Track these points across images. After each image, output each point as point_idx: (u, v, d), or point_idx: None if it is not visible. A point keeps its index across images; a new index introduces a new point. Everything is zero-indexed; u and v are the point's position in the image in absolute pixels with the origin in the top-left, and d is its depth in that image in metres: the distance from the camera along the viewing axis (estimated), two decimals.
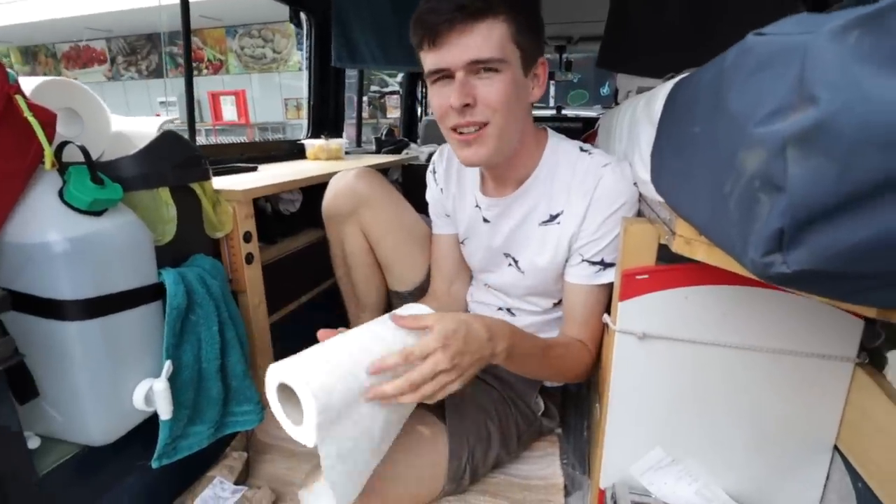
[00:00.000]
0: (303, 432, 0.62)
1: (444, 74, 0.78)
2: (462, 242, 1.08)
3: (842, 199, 0.27)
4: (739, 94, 0.34)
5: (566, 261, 0.92)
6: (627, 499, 0.79)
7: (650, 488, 0.82)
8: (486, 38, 0.74)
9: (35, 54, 11.09)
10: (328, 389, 0.61)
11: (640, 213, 0.86)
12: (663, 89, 0.67)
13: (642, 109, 0.78)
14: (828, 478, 0.75)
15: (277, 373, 0.62)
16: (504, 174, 0.92)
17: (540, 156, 0.90)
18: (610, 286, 0.88)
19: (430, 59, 0.78)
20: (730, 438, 0.78)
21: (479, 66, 0.76)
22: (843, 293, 0.33)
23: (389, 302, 1.24)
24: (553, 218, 0.90)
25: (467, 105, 0.77)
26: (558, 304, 1.00)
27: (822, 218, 0.28)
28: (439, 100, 0.81)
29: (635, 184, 0.84)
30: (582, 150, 0.90)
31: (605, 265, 0.87)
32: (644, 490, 0.82)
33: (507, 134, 0.82)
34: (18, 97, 0.66)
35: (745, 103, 0.32)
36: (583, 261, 0.88)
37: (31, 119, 0.66)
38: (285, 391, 0.64)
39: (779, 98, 0.29)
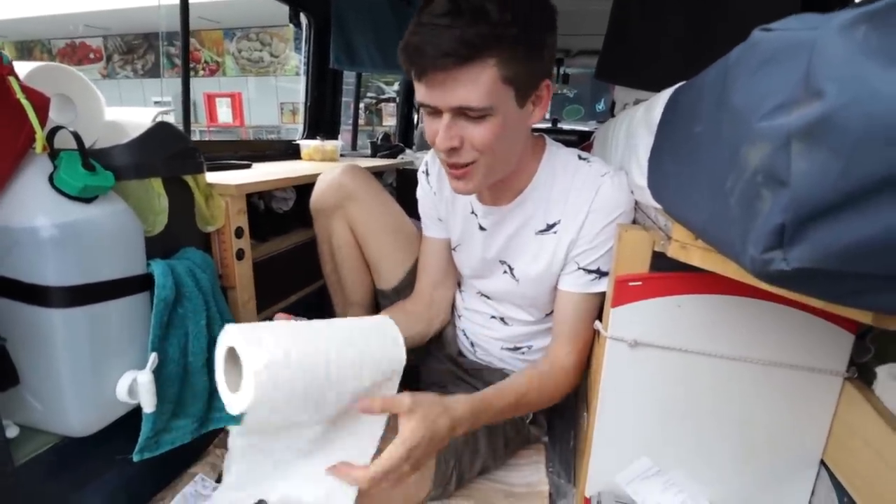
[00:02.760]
0: (236, 398, 0.61)
1: (433, 110, 0.75)
2: (454, 248, 1.07)
3: (845, 195, 0.27)
4: (744, 89, 0.34)
5: (561, 270, 0.92)
6: None
7: (636, 498, 0.81)
8: (473, 85, 0.69)
9: (30, 49, 11.03)
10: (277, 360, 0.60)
11: (635, 222, 0.86)
12: (663, 97, 0.67)
13: (641, 117, 0.78)
14: (813, 492, 0.75)
15: (231, 335, 0.61)
16: (500, 187, 0.91)
17: (537, 166, 0.90)
18: (602, 296, 0.88)
19: (418, 90, 0.74)
20: (717, 449, 0.78)
21: (465, 111, 0.72)
22: (841, 294, 0.33)
23: (376, 299, 1.23)
24: (550, 227, 0.90)
25: (453, 148, 0.75)
26: (551, 314, 1.00)
27: (825, 214, 0.28)
28: (429, 128, 0.78)
29: (632, 192, 0.85)
30: (580, 158, 0.90)
31: (600, 274, 0.87)
32: (630, 499, 0.81)
33: (497, 168, 0.81)
34: (11, 79, 0.65)
35: (749, 98, 0.33)
36: (578, 268, 0.88)
37: (24, 101, 0.65)
38: (233, 359, 0.62)
39: (785, 92, 0.29)
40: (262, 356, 0.58)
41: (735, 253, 0.35)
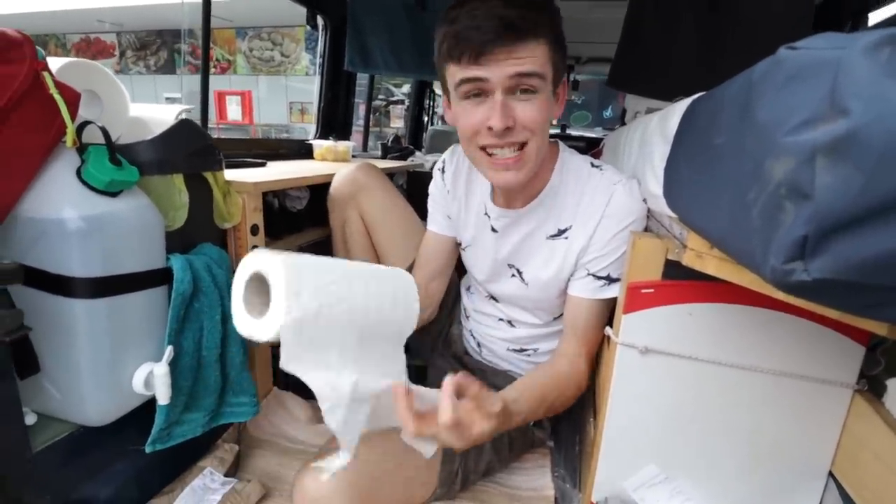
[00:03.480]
0: (267, 319, 0.56)
1: (479, 90, 0.76)
2: (464, 248, 1.08)
3: (867, 209, 0.28)
4: (769, 104, 0.35)
5: (571, 275, 0.93)
6: None
7: None
8: (531, 56, 0.74)
9: (45, 43, 11.14)
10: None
11: (646, 230, 0.87)
12: (679, 107, 0.68)
13: (655, 126, 0.79)
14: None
15: (256, 261, 0.58)
16: (519, 190, 0.93)
17: (551, 170, 0.91)
18: (612, 301, 0.88)
19: (466, 72, 0.75)
20: (725, 458, 0.78)
21: (519, 84, 0.75)
22: (860, 306, 0.34)
23: None
24: (561, 232, 0.91)
25: (508, 127, 0.76)
26: (559, 317, 1.01)
27: (847, 227, 0.29)
28: (471, 118, 0.78)
29: (644, 200, 0.85)
30: (593, 165, 0.91)
31: (610, 280, 0.88)
32: None
33: (541, 155, 0.83)
34: (46, 74, 0.67)
35: (774, 113, 0.34)
36: (588, 274, 0.89)
37: (57, 96, 0.66)
38: (256, 287, 0.59)
39: (810, 109, 0.30)
40: (295, 310, 0.55)
41: (755, 263, 0.36)
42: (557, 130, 4.18)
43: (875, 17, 1.51)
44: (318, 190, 1.44)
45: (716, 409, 0.76)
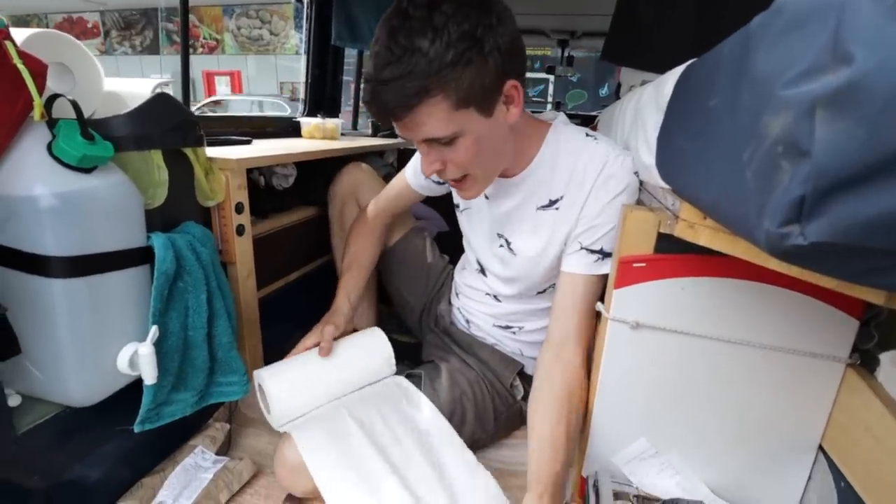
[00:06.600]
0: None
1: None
2: (461, 211, 1.09)
3: (868, 166, 0.26)
4: (767, 55, 0.33)
5: (561, 251, 0.91)
6: (609, 487, 0.78)
7: (632, 479, 0.82)
8: (429, 121, 0.72)
9: (27, 23, 10.88)
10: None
11: (639, 203, 0.85)
12: (674, 73, 0.66)
13: (649, 95, 0.77)
14: (810, 477, 0.75)
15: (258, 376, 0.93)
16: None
17: (540, 146, 0.90)
18: (606, 279, 0.87)
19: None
20: (714, 432, 0.78)
21: (434, 140, 0.76)
22: (858, 272, 0.32)
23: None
24: (552, 203, 0.89)
25: (438, 171, 0.80)
26: (542, 293, 1.01)
27: (847, 186, 0.27)
28: (418, 148, 0.83)
29: (636, 173, 0.84)
30: (588, 135, 0.89)
31: (603, 254, 0.86)
32: (626, 479, 0.82)
33: (491, 170, 0.86)
34: (8, 44, 0.63)
35: (772, 65, 0.31)
36: (581, 248, 0.87)
37: (21, 66, 0.63)
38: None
39: (811, 58, 0.28)
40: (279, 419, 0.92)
41: (748, 228, 0.35)
42: (552, 107, 4.13)
43: None
44: (306, 167, 1.41)
45: (707, 383, 0.76)
